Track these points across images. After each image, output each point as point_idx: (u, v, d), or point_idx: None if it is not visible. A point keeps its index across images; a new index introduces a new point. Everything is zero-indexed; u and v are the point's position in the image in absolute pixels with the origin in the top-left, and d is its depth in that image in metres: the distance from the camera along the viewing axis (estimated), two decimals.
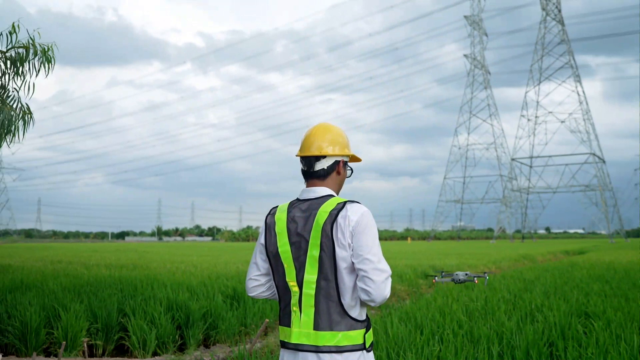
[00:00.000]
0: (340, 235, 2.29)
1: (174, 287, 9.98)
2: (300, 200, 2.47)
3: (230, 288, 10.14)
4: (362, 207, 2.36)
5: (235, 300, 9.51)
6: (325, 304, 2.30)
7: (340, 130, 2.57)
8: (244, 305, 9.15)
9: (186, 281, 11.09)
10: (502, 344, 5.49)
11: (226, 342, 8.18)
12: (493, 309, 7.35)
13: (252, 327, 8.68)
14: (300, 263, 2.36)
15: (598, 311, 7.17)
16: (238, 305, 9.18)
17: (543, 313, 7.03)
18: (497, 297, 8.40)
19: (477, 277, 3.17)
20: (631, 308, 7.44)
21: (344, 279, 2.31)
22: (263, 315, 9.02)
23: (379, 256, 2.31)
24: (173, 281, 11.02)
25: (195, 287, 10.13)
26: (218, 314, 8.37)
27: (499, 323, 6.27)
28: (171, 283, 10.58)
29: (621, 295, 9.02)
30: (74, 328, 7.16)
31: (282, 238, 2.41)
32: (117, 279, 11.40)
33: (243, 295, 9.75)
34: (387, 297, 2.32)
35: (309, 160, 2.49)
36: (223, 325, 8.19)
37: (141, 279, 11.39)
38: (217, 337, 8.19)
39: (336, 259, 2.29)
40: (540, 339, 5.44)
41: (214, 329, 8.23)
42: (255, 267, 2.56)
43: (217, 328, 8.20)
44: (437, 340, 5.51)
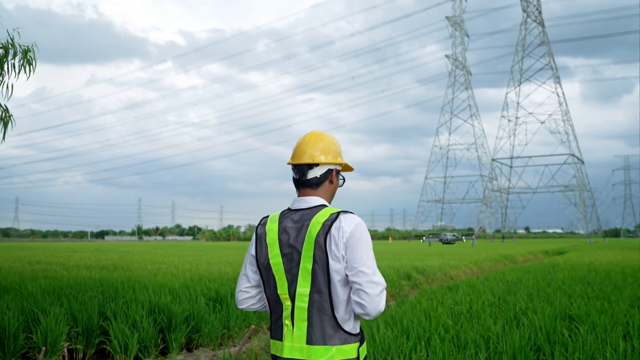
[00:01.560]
0: (333, 247, 2.22)
1: (156, 289, 9.85)
2: (292, 210, 2.39)
3: (213, 290, 10.03)
4: (356, 218, 2.29)
5: (218, 303, 9.41)
6: (319, 318, 2.24)
7: (333, 138, 2.50)
8: (226, 308, 9.06)
9: (168, 283, 10.96)
10: (489, 349, 5.47)
11: (209, 345, 8.09)
12: (478, 312, 7.33)
13: (235, 330, 8.59)
14: (293, 275, 2.28)
15: (582, 314, 7.18)
16: (221, 308, 9.09)
17: (528, 316, 7.03)
18: (481, 300, 8.39)
19: (466, 237, 3.15)
20: (614, 311, 7.47)
21: (337, 292, 2.24)
22: (246, 319, 8.93)
23: (374, 268, 2.24)
24: (155, 283, 10.88)
25: (177, 289, 10.00)
26: (201, 317, 8.27)
27: (485, 327, 6.25)
28: (153, 285, 10.44)
29: (603, 297, 9.06)
30: (53, 332, 7.01)
31: (273, 249, 2.33)
32: (97, 280, 11.23)
33: (226, 297, 9.66)
34: (382, 310, 2.27)
35: (301, 169, 2.42)
36: (206, 328, 8.09)
37: (122, 281, 11.24)
38: (200, 340, 8.09)
39: (330, 271, 2.22)
40: (526, 344, 5.42)
41: (196, 333, 8.13)
42: (246, 279, 2.48)
43: (200, 331, 8.10)
44: (424, 345, 5.48)
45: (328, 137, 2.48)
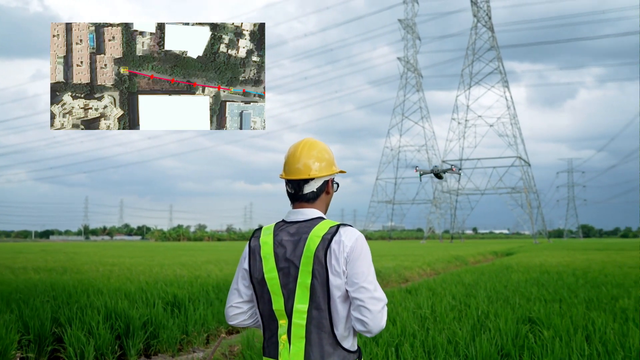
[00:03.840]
0: (334, 262, 2.12)
1: (111, 293, 9.55)
2: (287, 223, 2.28)
3: (171, 294, 9.80)
4: (356, 232, 2.20)
5: (176, 307, 9.19)
6: (317, 335, 2.14)
7: (325, 145, 2.38)
8: (185, 313, 8.85)
9: (123, 287, 10.65)
10: (458, 354, 5.46)
11: (168, 351, 7.87)
12: (442, 316, 7.35)
13: (194, 335, 8.39)
14: (289, 291, 2.17)
15: (542, 317, 7.28)
16: (179, 313, 8.87)
17: (490, 320, 7.08)
18: (443, 304, 8.42)
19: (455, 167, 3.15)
20: (572, 313, 7.60)
21: (337, 309, 2.15)
22: (205, 323, 8.75)
23: (375, 284, 2.16)
24: (109, 287, 10.56)
25: (133, 293, 9.73)
26: (159, 323, 8.04)
27: (451, 332, 6.26)
28: (108, 289, 10.13)
29: (559, 299, 9.23)
30: (4, 341, 6.68)
31: (268, 263, 2.21)
32: (48, 284, 10.84)
33: (184, 301, 9.44)
34: (384, 327, 2.19)
35: (297, 184, 2.30)
36: (164, 334, 7.87)
37: (75, 284, 10.88)
38: (158, 346, 7.87)
39: (330, 287, 2.13)
40: (496, 351, 5.45)
41: (154, 338, 7.90)
42: (237, 294, 2.36)
43: (159, 337, 7.87)
44: (394, 351, 5.43)
45: (320, 145, 2.36)
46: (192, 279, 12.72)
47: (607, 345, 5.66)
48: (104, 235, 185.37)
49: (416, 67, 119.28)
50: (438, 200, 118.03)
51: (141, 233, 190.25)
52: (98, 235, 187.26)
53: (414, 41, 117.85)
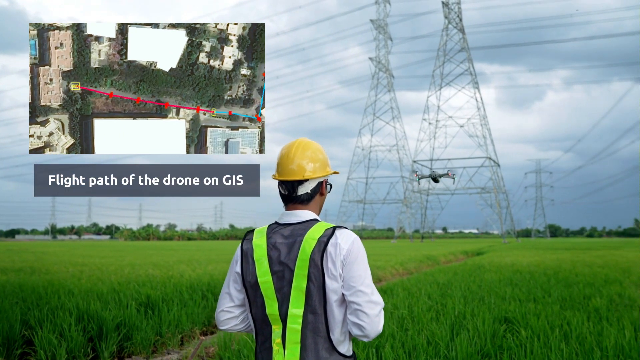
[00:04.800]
0: (330, 265, 2.07)
1: (82, 294, 9.36)
2: (281, 225, 2.22)
3: (144, 295, 9.64)
4: (352, 234, 2.15)
5: (149, 309, 9.04)
6: (313, 340, 2.08)
7: (319, 145, 2.33)
8: (158, 314, 8.72)
9: (95, 288, 10.45)
10: (439, 355, 5.45)
11: (142, 353, 7.74)
12: (420, 316, 7.35)
13: (168, 336, 8.27)
14: (283, 295, 2.12)
15: (518, 317, 7.33)
16: (153, 314, 8.73)
17: (468, 320, 7.10)
18: (419, 304, 8.43)
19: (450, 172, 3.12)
20: (548, 313, 7.67)
21: (334, 313, 2.10)
22: (179, 324, 8.63)
23: (372, 287, 2.11)
24: (80, 288, 10.35)
25: (106, 294, 9.55)
26: (132, 324, 7.90)
27: (430, 332, 6.25)
28: (79, 290, 9.93)
29: (534, 299, 9.32)
30: None
31: (261, 267, 2.15)
32: (17, 285, 10.58)
33: (157, 302, 9.30)
34: (381, 331, 2.14)
35: (291, 185, 2.24)
36: (138, 336, 7.73)
37: (44, 285, 10.64)
38: (132, 348, 7.73)
39: (326, 290, 2.07)
40: (476, 352, 5.45)
41: (128, 340, 7.76)
42: (229, 298, 2.29)
43: (132, 339, 7.73)
44: (374, 353, 5.40)
45: (314, 145, 2.31)
46: (165, 279, 12.55)
47: (584, 344, 5.71)
48: (71, 235, 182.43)
49: (388, 67, 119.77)
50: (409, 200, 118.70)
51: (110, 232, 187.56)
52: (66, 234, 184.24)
53: (386, 42, 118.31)
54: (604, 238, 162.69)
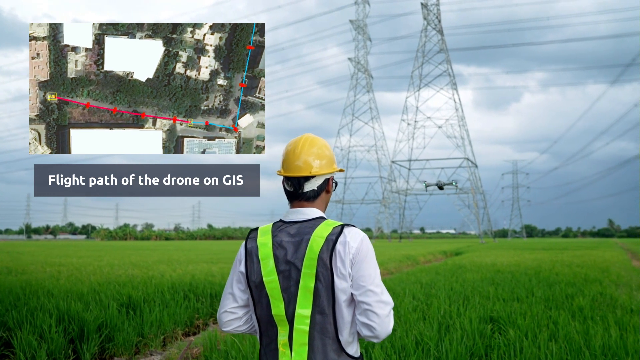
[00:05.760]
0: (339, 264, 2.00)
1: (62, 295, 9.18)
2: (286, 223, 2.14)
3: (125, 295, 9.49)
4: (360, 232, 2.08)
5: (131, 309, 8.90)
6: (321, 341, 2.01)
7: (325, 141, 2.26)
8: (140, 314, 8.59)
9: (75, 288, 10.26)
10: (429, 355, 5.42)
11: (124, 354, 7.61)
12: (406, 316, 7.32)
13: (150, 337, 8.14)
14: (290, 295, 2.04)
15: (504, 317, 7.33)
16: (134, 314, 8.59)
17: (454, 319, 7.08)
18: (405, 304, 8.40)
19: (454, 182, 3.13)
20: (533, 312, 7.68)
21: (342, 313, 2.03)
22: (161, 325, 8.50)
23: (382, 287, 2.05)
24: (59, 288, 10.16)
25: (86, 295, 9.38)
26: (114, 325, 7.76)
27: (418, 332, 6.22)
28: (58, 291, 9.74)
29: (518, 299, 9.34)
30: None
31: (267, 266, 2.07)
32: None
33: (139, 302, 9.16)
34: (390, 332, 2.08)
35: (297, 181, 2.17)
36: (120, 337, 7.60)
37: (22, 285, 10.43)
38: (114, 350, 7.59)
39: (335, 290, 2.00)
40: (466, 352, 5.42)
41: (110, 342, 7.62)
42: (232, 298, 2.20)
43: (114, 340, 7.60)
44: (364, 353, 5.34)
45: (320, 141, 2.24)
46: (146, 279, 12.38)
47: (572, 344, 5.71)
48: (47, 235, 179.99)
49: (367, 68, 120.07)
50: (387, 201, 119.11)
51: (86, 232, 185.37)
52: (41, 234, 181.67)
53: (365, 42, 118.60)
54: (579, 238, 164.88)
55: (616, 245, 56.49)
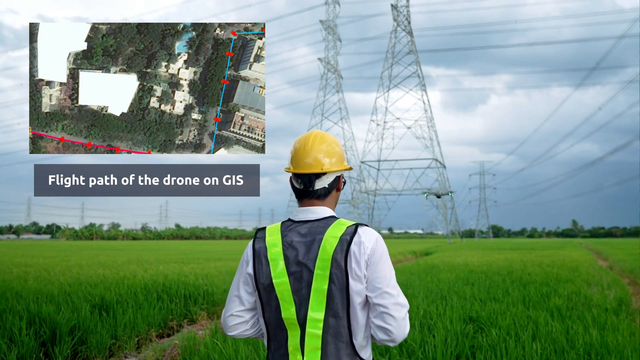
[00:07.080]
0: (355, 265, 1.92)
1: (31, 297, 8.91)
2: (296, 222, 2.04)
3: (98, 296, 9.26)
4: (374, 232, 2.01)
5: (104, 310, 8.68)
6: (334, 346, 1.92)
7: (335, 138, 2.16)
8: (113, 316, 8.37)
9: (44, 289, 9.98)
10: (415, 356, 5.36)
11: (97, 357, 7.40)
12: None
13: (124, 339, 7.95)
14: (301, 297, 1.94)
15: (484, 316, 7.32)
16: (107, 316, 8.38)
17: (434, 320, 7.05)
18: None
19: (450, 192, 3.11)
20: (512, 312, 7.70)
21: (357, 316, 1.93)
22: (135, 326, 8.30)
23: (398, 289, 1.97)
24: (28, 290, 9.87)
25: (57, 296, 9.12)
26: (87, 327, 7.55)
27: None
28: (27, 292, 9.46)
29: (495, 299, 9.37)
30: None
31: (277, 267, 1.97)
32: None
33: (112, 304, 8.94)
34: (407, 335, 2.00)
35: (308, 178, 2.07)
36: (93, 339, 7.39)
37: None
38: (87, 352, 7.38)
39: (349, 293, 1.91)
40: (450, 353, 5.38)
41: (82, 344, 7.41)
42: (238, 301, 2.09)
43: (87, 343, 7.39)
44: None
45: (330, 137, 2.15)
46: (118, 280, 12.12)
47: (555, 344, 5.72)
48: (9, 234, 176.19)
49: (336, 68, 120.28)
50: (356, 201, 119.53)
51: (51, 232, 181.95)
52: (3, 234, 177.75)
53: (335, 43, 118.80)
54: (544, 238, 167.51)
55: (581, 245, 57.55)
